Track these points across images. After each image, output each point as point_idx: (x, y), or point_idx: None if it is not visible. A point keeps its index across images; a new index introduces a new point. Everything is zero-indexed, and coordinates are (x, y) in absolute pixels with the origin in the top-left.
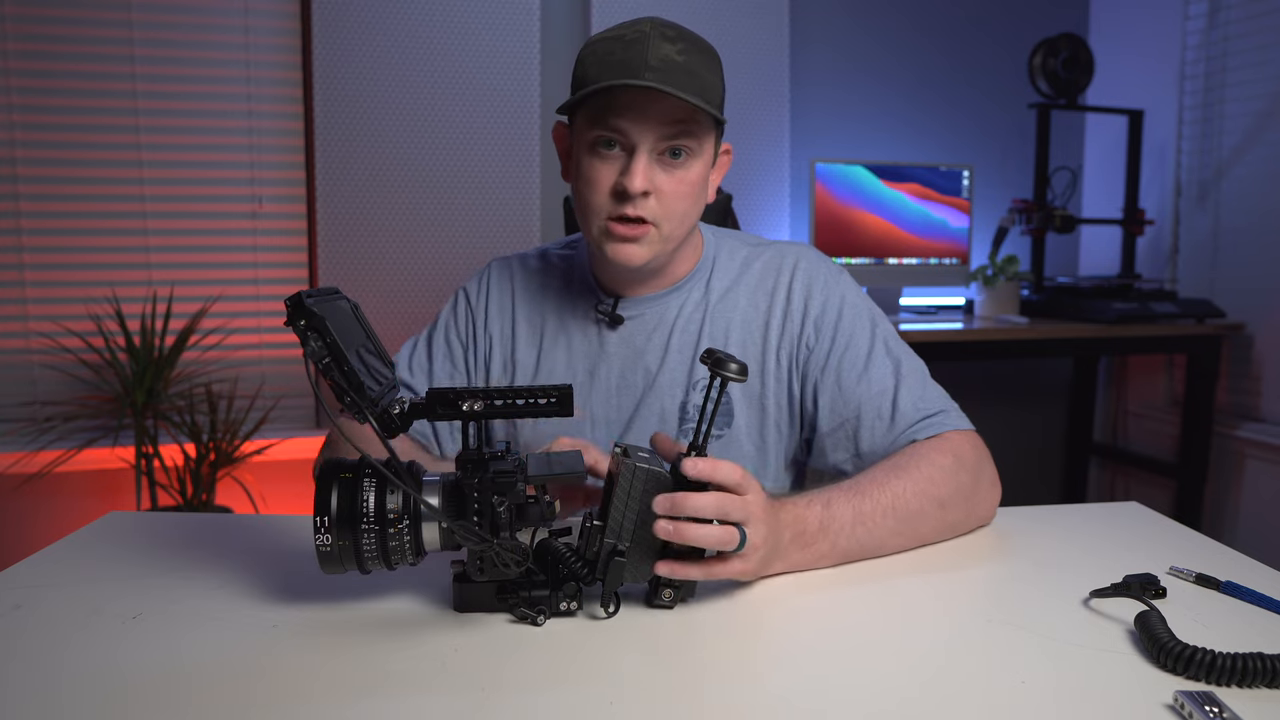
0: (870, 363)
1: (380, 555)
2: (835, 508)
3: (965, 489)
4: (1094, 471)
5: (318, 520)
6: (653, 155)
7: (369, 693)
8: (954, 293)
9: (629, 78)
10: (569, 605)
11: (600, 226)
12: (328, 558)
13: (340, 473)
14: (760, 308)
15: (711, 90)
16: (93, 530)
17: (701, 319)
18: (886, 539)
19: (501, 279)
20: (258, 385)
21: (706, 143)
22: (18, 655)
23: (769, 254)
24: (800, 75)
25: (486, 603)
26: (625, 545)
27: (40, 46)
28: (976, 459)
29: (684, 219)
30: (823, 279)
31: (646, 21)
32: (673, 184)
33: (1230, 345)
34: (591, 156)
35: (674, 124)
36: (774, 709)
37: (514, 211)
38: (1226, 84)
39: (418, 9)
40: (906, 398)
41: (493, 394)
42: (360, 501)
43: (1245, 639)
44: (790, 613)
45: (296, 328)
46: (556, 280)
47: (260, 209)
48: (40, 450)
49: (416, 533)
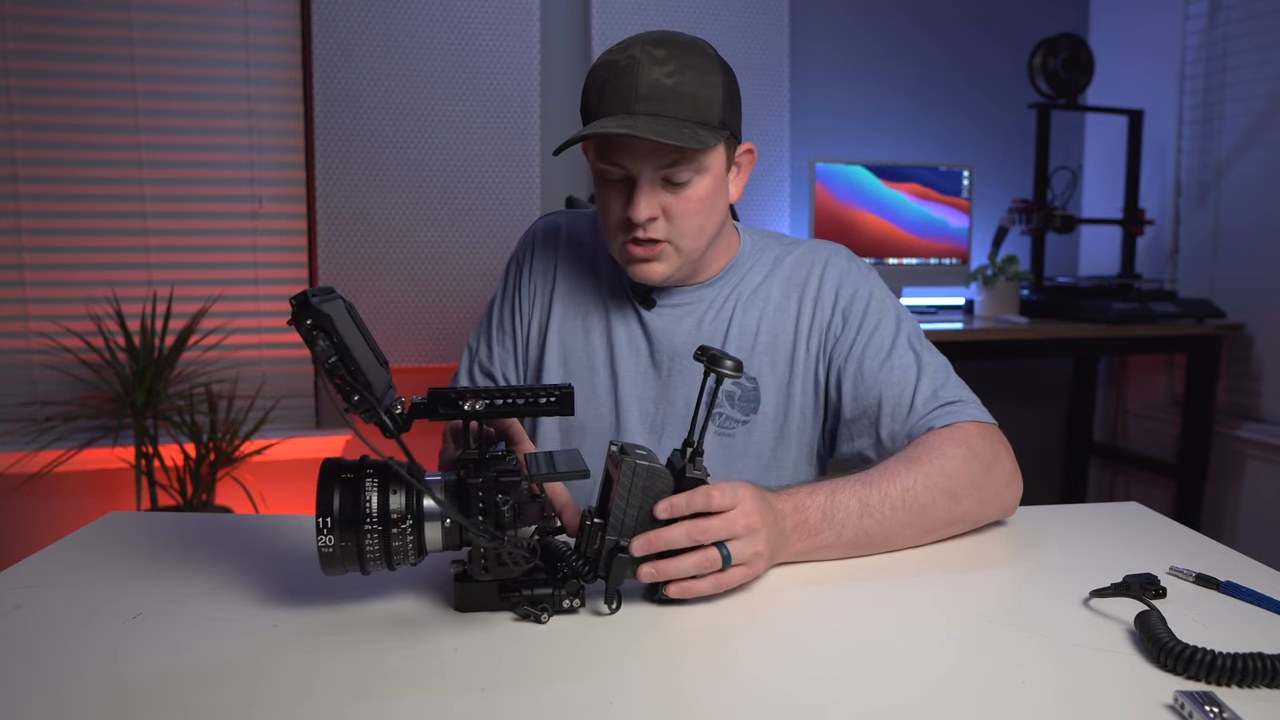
0: (894, 352)
1: (383, 556)
2: (840, 497)
3: (978, 480)
4: (1094, 471)
5: (320, 521)
6: (655, 180)
7: (369, 693)
8: (954, 293)
9: (620, 110)
10: (571, 603)
11: (618, 248)
12: (330, 559)
13: (341, 473)
14: (792, 298)
15: (708, 106)
16: (93, 530)
17: (732, 310)
18: (896, 531)
19: (547, 247)
20: (258, 385)
21: (711, 158)
22: (18, 655)
23: (801, 249)
24: (800, 75)
25: (488, 602)
26: (627, 541)
27: (40, 46)
28: (991, 450)
29: (699, 233)
30: (854, 273)
31: (639, 42)
32: (680, 204)
33: (1230, 345)
34: (601, 184)
35: (669, 154)
36: (774, 708)
37: (514, 211)
38: (1226, 84)
39: (418, 9)
40: (926, 387)
41: (494, 394)
42: (363, 502)
43: (1245, 639)
44: (791, 612)
45: (302, 328)
46: (601, 253)
47: (260, 209)
48: (40, 450)
49: (419, 533)
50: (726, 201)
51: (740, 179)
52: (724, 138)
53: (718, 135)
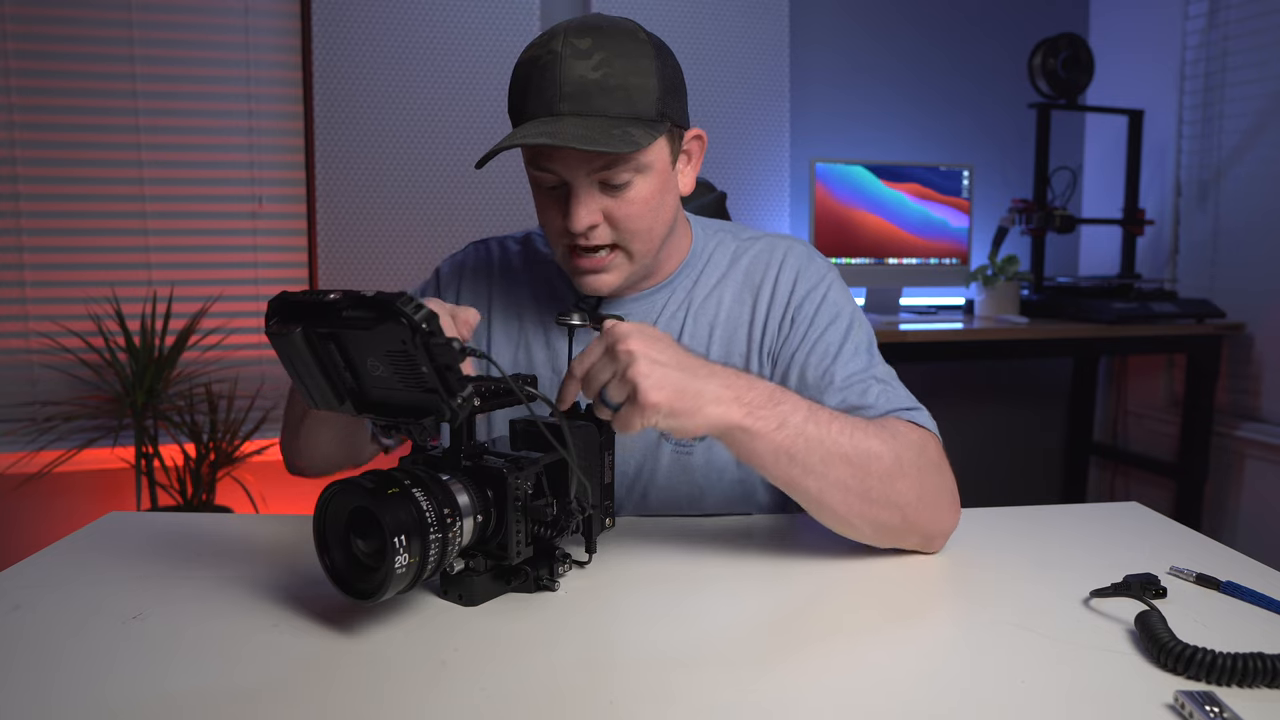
0: (839, 359)
1: (437, 562)
2: (791, 396)
3: (924, 471)
4: (1094, 471)
5: (397, 541)
6: (592, 185)
7: (369, 693)
8: (954, 293)
9: (544, 112)
10: (563, 568)
11: (562, 256)
12: (400, 579)
13: (388, 488)
14: (746, 301)
15: (641, 97)
16: (93, 530)
17: (684, 318)
18: (835, 462)
19: (479, 267)
20: (258, 385)
21: (650, 155)
22: (18, 656)
23: (758, 247)
24: (800, 75)
25: (490, 591)
26: (587, 498)
27: (40, 46)
28: (940, 458)
29: (649, 234)
30: (809, 272)
31: (561, 33)
32: (623, 208)
33: (1230, 345)
34: (537, 191)
35: (600, 156)
36: (774, 708)
37: (514, 211)
38: (1226, 84)
39: (418, 9)
40: (874, 393)
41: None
42: (424, 511)
43: (1245, 639)
44: (790, 612)
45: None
46: (540, 271)
47: (260, 209)
48: (40, 450)
49: (462, 531)
50: (675, 197)
51: (691, 169)
52: (663, 131)
53: (654, 131)
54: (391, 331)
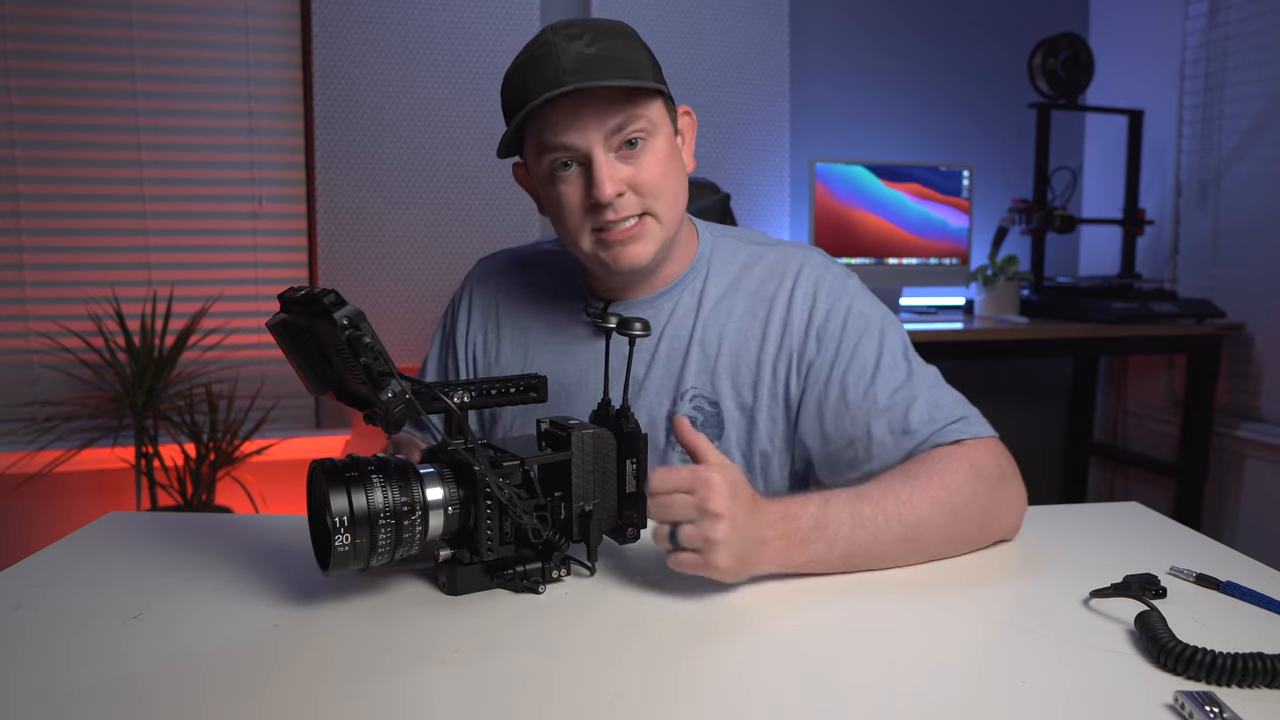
0: (878, 375)
1: (390, 549)
2: (833, 507)
3: (981, 498)
4: (1094, 471)
5: (336, 520)
6: (610, 155)
7: (369, 692)
8: (954, 293)
9: (551, 89)
10: (559, 572)
11: (591, 241)
12: (342, 558)
13: (346, 472)
14: (758, 315)
15: (638, 65)
16: (93, 530)
17: (692, 325)
18: (891, 546)
19: (485, 283)
20: (258, 385)
21: (659, 116)
22: (18, 655)
23: (772, 258)
24: (800, 75)
25: (478, 583)
26: (591, 505)
27: (40, 46)
28: (996, 468)
29: (674, 196)
30: (828, 286)
31: (548, 31)
32: (644, 170)
33: (1230, 345)
34: (555, 184)
35: (616, 115)
36: (773, 708)
37: (514, 211)
38: (1226, 84)
39: (418, 9)
40: (920, 409)
41: (471, 386)
42: (377, 498)
43: (1245, 639)
44: (789, 612)
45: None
46: (546, 282)
47: (260, 209)
48: (40, 450)
49: (426, 522)
50: (684, 169)
51: (688, 147)
52: (665, 91)
53: (658, 87)
54: (327, 329)
